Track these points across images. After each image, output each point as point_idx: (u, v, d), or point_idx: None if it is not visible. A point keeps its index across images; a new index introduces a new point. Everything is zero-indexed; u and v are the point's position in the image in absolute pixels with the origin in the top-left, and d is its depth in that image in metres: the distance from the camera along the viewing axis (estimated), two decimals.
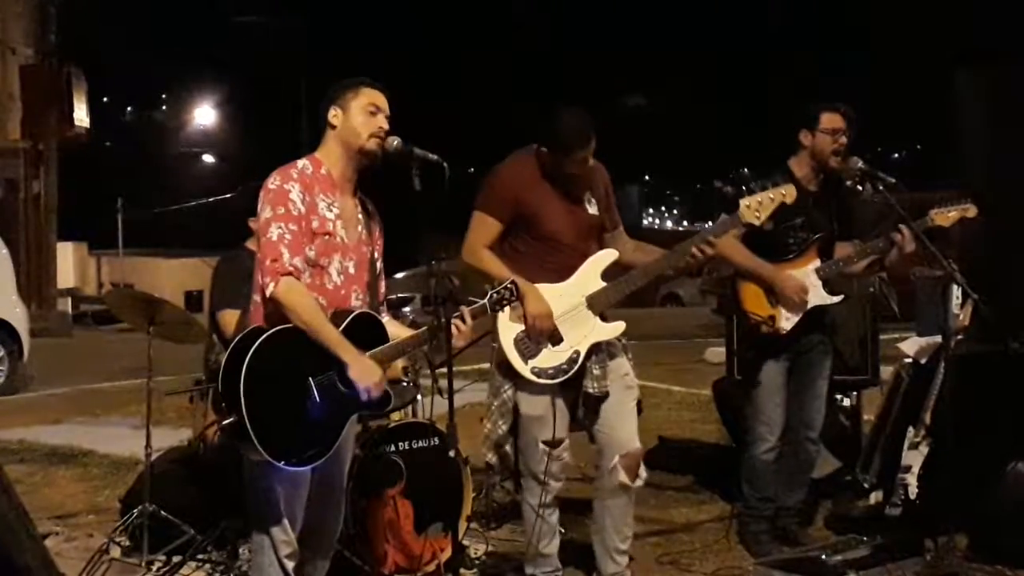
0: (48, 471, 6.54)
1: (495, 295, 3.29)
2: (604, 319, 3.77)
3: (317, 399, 3.03)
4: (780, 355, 4.43)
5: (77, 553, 4.54)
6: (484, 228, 3.79)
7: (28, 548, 3.45)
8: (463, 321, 3.20)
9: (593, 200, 3.86)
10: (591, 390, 3.75)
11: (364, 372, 3.07)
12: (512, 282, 3.33)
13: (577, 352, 3.71)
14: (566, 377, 3.71)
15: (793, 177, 4.45)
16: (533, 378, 3.68)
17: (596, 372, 3.76)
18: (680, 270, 3.88)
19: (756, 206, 3.72)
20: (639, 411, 3.97)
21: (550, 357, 3.69)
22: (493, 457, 3.86)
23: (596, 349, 3.76)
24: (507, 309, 3.62)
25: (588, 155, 3.76)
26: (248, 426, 2.91)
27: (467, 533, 4.49)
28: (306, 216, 3.12)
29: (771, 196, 3.73)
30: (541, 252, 3.76)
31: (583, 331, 3.72)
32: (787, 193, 3.77)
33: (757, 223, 3.76)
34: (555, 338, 3.69)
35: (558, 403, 3.75)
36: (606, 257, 3.81)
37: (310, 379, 3.03)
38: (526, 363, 3.68)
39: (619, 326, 3.78)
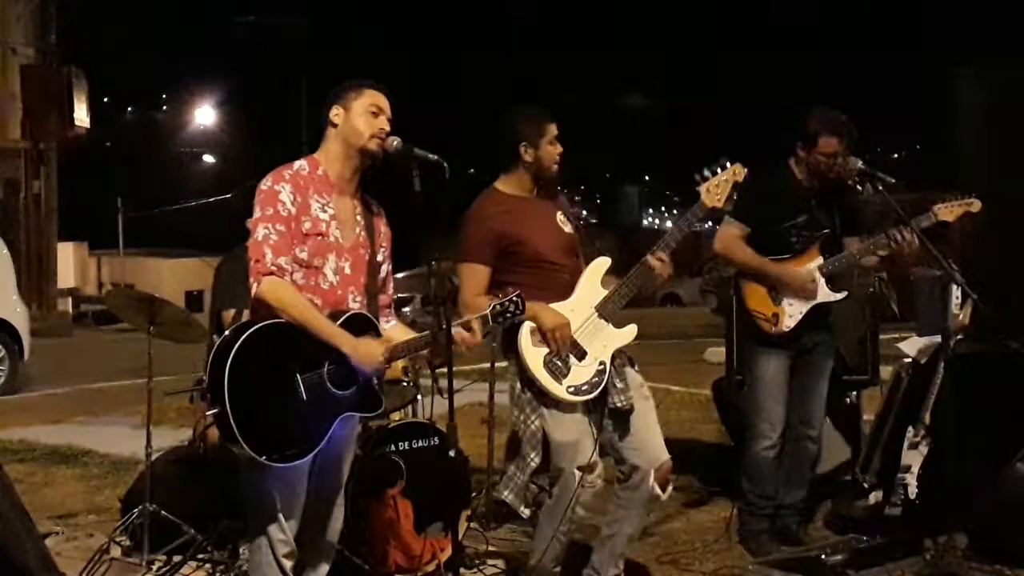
0: (48, 471, 6.54)
1: (498, 307, 3.26)
2: (616, 326, 3.73)
3: (303, 397, 3.02)
4: (782, 353, 4.44)
5: (77, 553, 4.54)
6: (473, 278, 3.70)
7: (28, 548, 3.46)
8: (468, 330, 3.16)
9: (566, 220, 3.85)
10: (619, 404, 3.70)
11: (365, 355, 3.07)
12: (518, 294, 3.30)
13: (603, 363, 3.67)
14: (600, 390, 3.66)
15: (794, 177, 4.46)
16: (571, 398, 3.61)
17: (619, 385, 3.72)
18: (674, 258, 3.86)
19: (715, 189, 3.76)
20: None
21: (580, 373, 3.64)
22: (508, 495, 3.70)
23: (613, 362, 3.72)
24: (527, 335, 3.60)
25: (556, 134, 3.75)
26: (231, 418, 2.91)
27: (467, 533, 4.50)
28: (296, 217, 3.12)
29: (725, 178, 3.77)
30: (535, 278, 3.69)
31: (602, 341, 3.69)
32: (737, 172, 3.79)
33: (720, 205, 3.78)
34: (579, 352, 3.65)
35: (584, 425, 3.67)
36: (602, 265, 3.79)
37: (297, 376, 3.03)
38: (561, 383, 3.62)
39: (632, 329, 3.75)
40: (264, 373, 3.00)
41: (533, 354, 3.61)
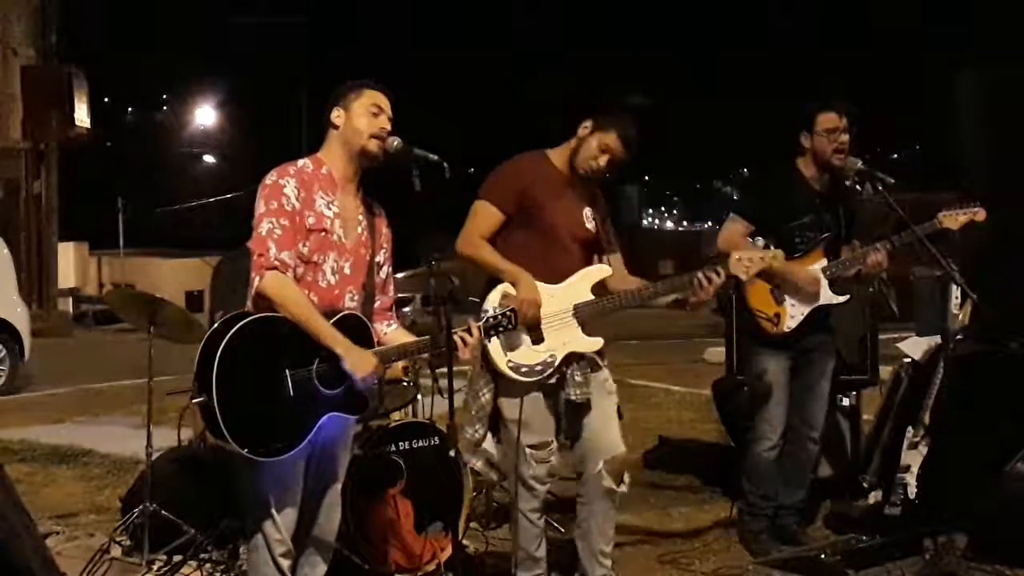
0: (49, 471, 6.54)
1: (491, 320, 3.27)
2: (584, 331, 3.75)
3: (291, 392, 3.02)
4: (783, 354, 4.44)
5: (78, 552, 4.54)
6: (486, 218, 3.75)
7: (29, 547, 3.46)
8: (470, 334, 3.18)
9: (592, 218, 3.88)
10: (573, 397, 3.73)
11: (359, 362, 3.07)
12: (511, 310, 3.33)
13: (553, 356, 3.69)
14: (538, 378, 3.68)
15: (801, 176, 4.46)
16: (508, 372, 3.66)
17: (578, 379, 3.73)
18: (682, 304, 3.87)
19: (747, 262, 3.69)
20: (619, 416, 3.94)
21: (527, 355, 3.67)
22: (478, 462, 3.84)
23: (578, 356, 3.75)
24: (497, 295, 3.63)
25: (616, 152, 3.77)
26: (216, 409, 2.91)
27: (467, 533, 4.50)
28: (300, 212, 3.13)
29: (761, 256, 3.72)
30: (537, 248, 3.73)
31: (563, 338, 3.70)
32: (776, 257, 3.75)
33: (743, 277, 3.73)
34: (537, 336, 3.68)
35: (539, 405, 3.74)
36: (600, 271, 3.82)
37: (287, 371, 3.03)
38: (505, 355, 3.65)
39: (597, 342, 3.76)
40: (253, 366, 3.00)
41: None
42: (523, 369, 3.67)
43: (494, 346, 3.64)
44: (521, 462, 3.74)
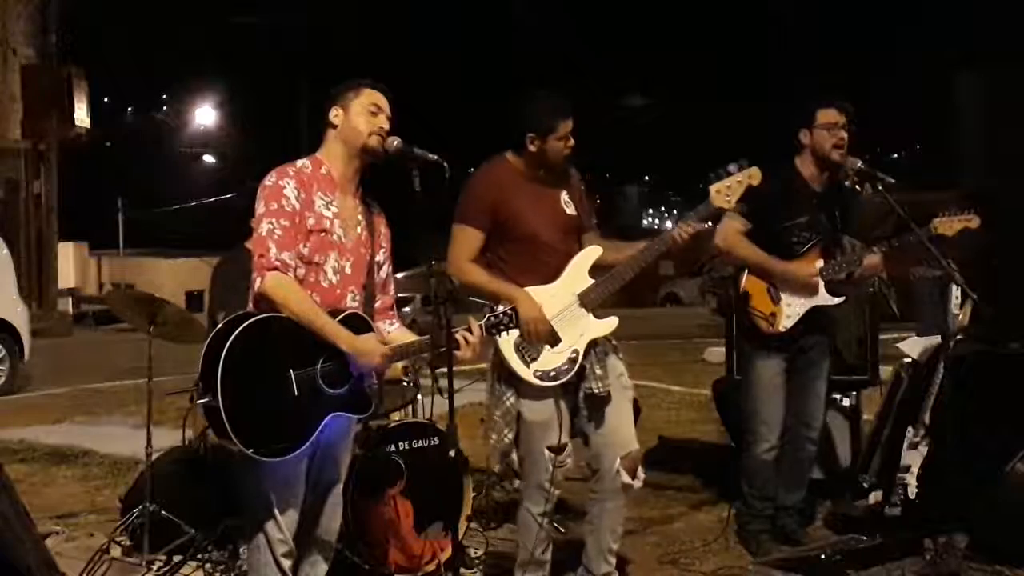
0: (49, 471, 6.55)
1: (492, 319, 3.27)
2: (596, 316, 3.75)
3: (295, 392, 3.02)
4: (780, 354, 4.44)
5: (78, 553, 4.55)
6: (465, 241, 3.76)
7: (28, 548, 3.46)
8: (471, 332, 3.18)
9: (570, 201, 3.85)
10: (596, 391, 3.73)
11: (365, 351, 3.08)
12: (512, 309, 3.33)
13: (576, 351, 3.69)
14: (568, 377, 3.69)
15: (799, 176, 4.46)
16: (536, 382, 3.65)
17: (598, 372, 3.74)
18: (675, 257, 3.87)
19: (725, 191, 3.71)
20: (638, 411, 3.94)
21: (551, 359, 3.67)
22: (499, 467, 3.83)
23: (593, 349, 3.75)
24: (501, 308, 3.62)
25: (569, 130, 3.73)
26: (221, 409, 2.91)
27: (467, 533, 4.50)
28: (300, 212, 3.13)
29: (739, 180, 3.72)
30: (524, 255, 3.73)
31: (578, 330, 3.70)
32: (752, 175, 3.74)
33: (728, 207, 3.76)
34: (553, 339, 3.68)
35: (561, 407, 3.73)
36: (592, 254, 3.79)
37: (291, 371, 3.03)
38: (528, 367, 3.65)
39: (612, 321, 3.75)
40: (257, 366, 2.99)
41: (506, 335, 3.60)
42: (551, 373, 3.66)
43: (515, 363, 3.63)
44: (538, 465, 3.73)
